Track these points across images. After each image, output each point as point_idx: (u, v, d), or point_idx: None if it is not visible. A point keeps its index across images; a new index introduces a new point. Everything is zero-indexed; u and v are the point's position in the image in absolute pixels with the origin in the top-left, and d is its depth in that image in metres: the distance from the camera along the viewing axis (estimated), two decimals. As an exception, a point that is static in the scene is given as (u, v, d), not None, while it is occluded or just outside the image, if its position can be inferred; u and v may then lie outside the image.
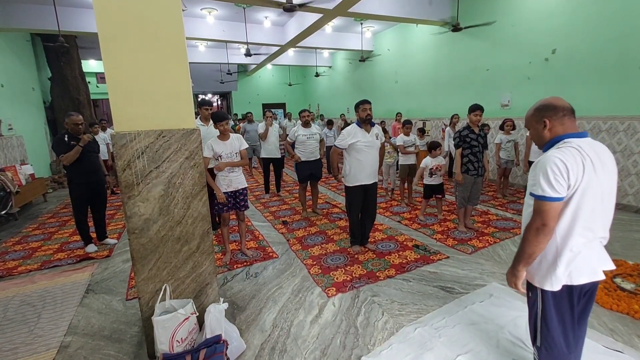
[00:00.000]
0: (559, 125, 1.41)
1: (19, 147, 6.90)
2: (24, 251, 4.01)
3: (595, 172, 1.32)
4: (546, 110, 1.44)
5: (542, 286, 1.43)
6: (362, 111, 3.30)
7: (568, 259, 1.37)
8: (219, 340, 1.92)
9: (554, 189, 1.30)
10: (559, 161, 1.30)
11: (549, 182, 1.31)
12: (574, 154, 1.31)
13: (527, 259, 1.40)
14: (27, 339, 2.36)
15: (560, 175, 1.29)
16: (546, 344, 1.48)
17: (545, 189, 1.31)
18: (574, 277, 1.37)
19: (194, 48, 10.83)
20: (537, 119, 1.46)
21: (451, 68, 7.75)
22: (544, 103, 1.46)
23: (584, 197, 1.32)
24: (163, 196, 1.98)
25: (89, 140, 3.60)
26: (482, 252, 3.53)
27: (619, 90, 4.80)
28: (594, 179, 1.32)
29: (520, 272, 1.44)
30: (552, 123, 1.42)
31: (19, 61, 7.67)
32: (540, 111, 1.46)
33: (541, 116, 1.45)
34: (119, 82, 1.84)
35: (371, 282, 2.96)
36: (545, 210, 1.32)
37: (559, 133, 1.41)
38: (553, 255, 1.39)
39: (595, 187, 1.33)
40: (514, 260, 1.46)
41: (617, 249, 3.41)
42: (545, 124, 1.43)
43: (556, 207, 1.32)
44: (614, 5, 4.75)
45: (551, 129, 1.43)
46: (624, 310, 2.39)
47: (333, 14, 6.59)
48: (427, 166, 4.44)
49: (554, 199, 1.31)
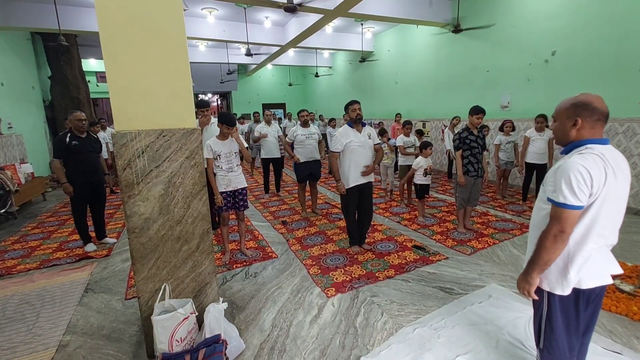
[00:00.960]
0: (589, 128, 1.34)
1: (18, 146, 6.89)
2: (23, 250, 4.00)
3: (616, 180, 1.30)
4: (584, 109, 1.33)
5: (552, 290, 1.41)
6: (352, 111, 3.33)
7: (579, 264, 1.36)
8: (218, 340, 1.92)
9: (576, 197, 1.26)
10: (583, 169, 1.25)
11: (571, 190, 1.26)
12: (597, 162, 1.27)
13: (543, 266, 1.36)
14: (26, 338, 2.36)
15: (583, 183, 1.25)
16: (549, 347, 1.47)
17: (568, 197, 1.27)
18: (583, 281, 1.36)
19: (195, 48, 10.84)
20: (570, 114, 1.36)
21: (451, 69, 7.76)
22: (584, 100, 1.34)
23: (603, 205, 1.30)
24: (163, 195, 1.98)
25: (70, 192, 3.60)
26: (482, 253, 3.53)
27: (619, 92, 4.81)
28: (614, 187, 1.30)
29: (535, 279, 1.40)
30: (583, 124, 1.33)
31: (19, 60, 7.66)
32: (577, 107, 1.35)
33: (576, 113, 1.34)
34: (120, 82, 1.85)
35: (370, 282, 2.96)
36: (565, 217, 1.29)
37: (584, 137, 1.35)
38: (564, 261, 1.37)
39: (614, 195, 1.31)
40: (527, 267, 1.42)
41: (616, 251, 3.36)
42: (577, 122, 1.34)
43: (576, 215, 1.29)
44: (614, 8, 4.76)
45: (579, 130, 1.35)
46: (623, 311, 2.40)
47: (333, 14, 6.59)
48: (422, 166, 4.44)
49: (575, 207, 1.28)
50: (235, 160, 3.31)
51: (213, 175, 3.24)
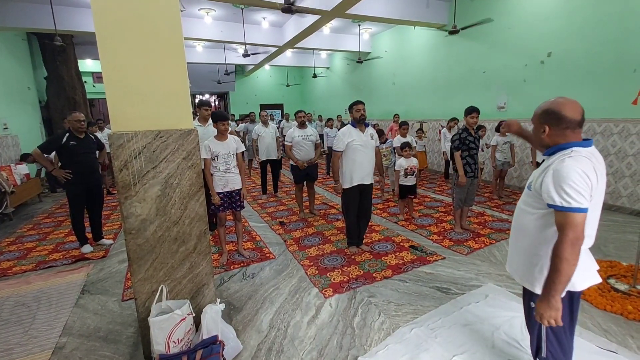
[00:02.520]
0: (560, 136, 1.36)
1: (14, 147, 6.85)
2: (19, 251, 3.98)
3: (601, 181, 1.32)
4: (552, 118, 1.37)
5: None
6: (356, 112, 3.33)
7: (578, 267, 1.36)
8: (216, 341, 1.91)
9: (585, 199, 1.25)
10: (582, 173, 1.25)
11: (578, 193, 1.24)
12: (588, 165, 1.28)
13: (567, 283, 1.27)
14: (22, 340, 2.34)
15: (587, 185, 1.25)
16: (554, 353, 1.47)
17: (579, 200, 1.24)
18: (577, 284, 1.37)
19: (192, 48, 10.81)
20: (541, 121, 1.41)
21: (448, 70, 7.80)
22: (552, 109, 1.37)
23: (594, 206, 1.32)
24: (160, 196, 1.97)
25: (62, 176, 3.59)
26: (478, 253, 3.55)
27: (614, 93, 4.85)
28: (600, 188, 1.32)
29: (559, 302, 1.28)
30: (551, 131, 1.37)
31: (15, 60, 7.62)
32: (544, 116, 1.39)
33: (544, 121, 1.39)
34: (117, 82, 1.84)
35: (368, 282, 2.97)
36: (579, 222, 1.25)
37: (559, 142, 1.37)
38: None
39: (600, 196, 1.34)
40: (547, 290, 1.30)
41: (611, 250, 3.45)
42: (545, 130, 1.39)
43: (585, 218, 1.26)
44: (609, 9, 4.80)
45: (550, 137, 1.38)
46: (618, 310, 2.41)
47: (331, 15, 6.60)
48: (403, 167, 4.46)
49: (585, 210, 1.26)
50: (233, 161, 3.31)
51: (210, 176, 3.24)
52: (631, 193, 4.77)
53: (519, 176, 6.36)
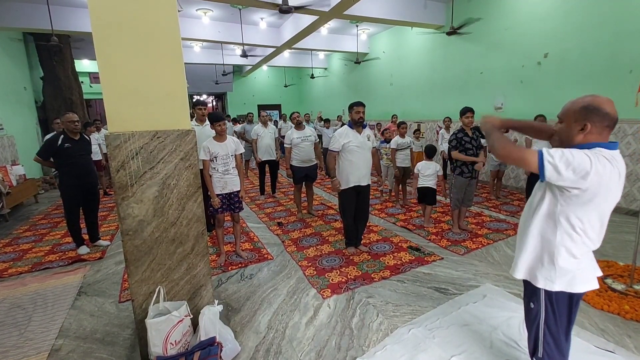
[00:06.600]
0: (597, 134, 1.27)
1: (10, 147, 6.81)
2: (15, 253, 3.94)
3: (615, 185, 1.27)
4: (595, 114, 1.25)
5: (550, 288, 1.39)
6: (356, 113, 3.32)
7: (578, 266, 1.37)
8: (213, 343, 1.90)
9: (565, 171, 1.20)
10: (587, 159, 1.19)
11: (566, 161, 1.20)
12: (606, 164, 1.21)
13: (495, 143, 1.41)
14: (18, 342, 2.32)
15: (578, 166, 1.19)
16: (550, 353, 1.47)
17: (560, 167, 1.20)
18: (577, 286, 1.38)
19: (189, 49, 10.78)
20: (579, 117, 1.28)
21: (445, 71, 7.82)
22: (595, 105, 1.26)
23: (603, 210, 1.31)
24: (157, 197, 1.96)
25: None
26: (476, 253, 3.56)
27: (610, 93, 4.75)
28: (615, 194, 1.29)
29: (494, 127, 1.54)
30: (592, 129, 1.27)
31: (11, 60, 7.57)
32: (587, 111, 1.27)
33: (586, 117, 1.27)
34: (114, 83, 1.83)
35: (366, 283, 2.97)
36: (531, 162, 1.26)
37: (590, 141, 1.28)
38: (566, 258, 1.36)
39: (612, 201, 1.31)
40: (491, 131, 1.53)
41: (608, 250, 3.46)
42: (585, 127, 1.27)
43: (535, 167, 1.26)
44: (605, 10, 4.83)
45: (587, 135, 1.28)
46: (615, 310, 2.42)
47: (329, 16, 6.61)
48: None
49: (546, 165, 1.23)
50: (232, 163, 3.31)
51: (209, 177, 3.23)
52: (627, 193, 4.80)
53: (516, 176, 6.39)
